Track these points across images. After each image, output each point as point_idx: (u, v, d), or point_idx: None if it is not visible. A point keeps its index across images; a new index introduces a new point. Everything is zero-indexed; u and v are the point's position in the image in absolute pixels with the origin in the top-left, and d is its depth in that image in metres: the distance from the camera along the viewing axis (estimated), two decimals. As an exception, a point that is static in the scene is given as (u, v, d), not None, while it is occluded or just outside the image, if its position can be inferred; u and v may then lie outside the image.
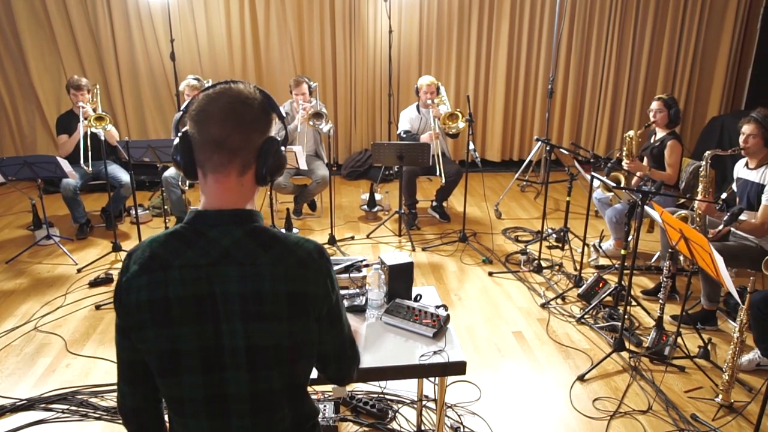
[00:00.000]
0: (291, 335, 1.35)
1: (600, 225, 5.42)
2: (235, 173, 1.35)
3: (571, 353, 3.65)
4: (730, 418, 3.08)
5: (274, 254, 1.34)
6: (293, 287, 1.34)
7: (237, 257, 1.32)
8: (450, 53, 7.27)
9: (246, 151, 1.34)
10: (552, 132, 7.66)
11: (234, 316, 1.31)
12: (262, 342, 1.33)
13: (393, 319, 2.37)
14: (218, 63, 6.95)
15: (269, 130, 1.38)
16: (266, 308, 1.32)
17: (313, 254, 1.38)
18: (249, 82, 1.38)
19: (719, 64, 7.54)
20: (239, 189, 1.37)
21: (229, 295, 1.31)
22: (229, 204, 1.36)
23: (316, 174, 5.48)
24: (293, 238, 1.39)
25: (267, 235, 1.36)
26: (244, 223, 1.36)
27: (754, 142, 3.65)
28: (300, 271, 1.35)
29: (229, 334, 1.32)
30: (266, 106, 1.37)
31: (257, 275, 1.32)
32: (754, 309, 3.26)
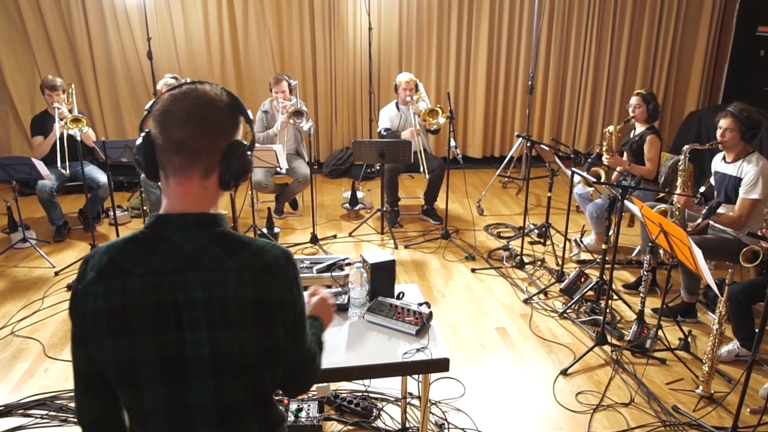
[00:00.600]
0: (257, 342, 1.31)
1: (581, 220, 5.46)
2: (197, 177, 1.30)
3: (554, 348, 3.67)
4: (711, 408, 3.11)
5: (240, 259, 1.29)
6: (259, 293, 1.30)
7: (201, 262, 1.28)
8: (430, 50, 7.27)
9: (209, 155, 1.30)
10: (533, 128, 7.69)
11: (199, 323, 1.27)
12: (228, 350, 1.29)
13: (376, 317, 2.36)
14: (196, 61, 6.89)
15: (235, 134, 1.34)
16: (232, 315, 1.28)
17: (279, 259, 1.34)
18: (217, 83, 1.34)
19: (696, 60, 7.63)
20: (202, 193, 1.32)
21: (194, 301, 1.26)
22: (191, 208, 1.31)
23: (297, 173, 5.45)
24: (259, 242, 1.35)
25: (232, 239, 1.32)
26: (208, 228, 1.31)
27: (730, 136, 3.68)
28: (266, 276, 1.31)
29: (193, 342, 1.27)
30: (233, 108, 1.33)
31: (223, 281, 1.27)
32: (733, 301, 3.30)
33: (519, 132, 7.19)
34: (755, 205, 3.60)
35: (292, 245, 5.03)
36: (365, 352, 2.18)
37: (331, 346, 2.21)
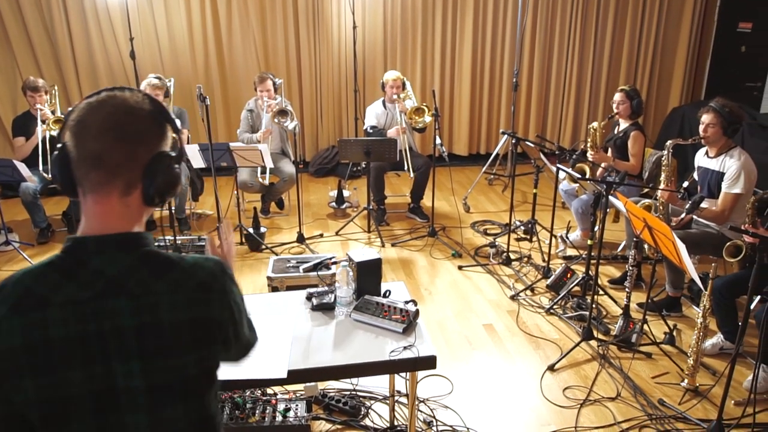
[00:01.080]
0: (198, 365, 1.23)
1: (567, 216, 5.48)
2: (116, 193, 1.19)
3: (541, 344, 3.68)
4: (696, 401, 3.14)
5: (171, 280, 1.20)
6: (196, 314, 1.21)
7: (127, 288, 1.17)
8: (415, 48, 7.27)
9: (128, 169, 1.19)
10: (518, 125, 7.71)
11: (129, 353, 1.16)
12: (165, 379, 1.20)
13: (362, 315, 2.35)
14: (180, 61, 6.84)
15: (160, 144, 1.23)
16: (167, 342, 1.18)
17: (214, 274, 1.25)
18: (139, 89, 1.24)
19: (679, 56, 7.69)
20: (123, 211, 1.21)
21: (122, 330, 1.16)
22: (111, 228, 1.19)
23: (282, 172, 5.43)
24: (189, 259, 1.25)
25: (160, 259, 1.21)
26: (132, 249, 1.20)
27: (713, 131, 3.71)
28: (202, 295, 1.22)
29: (124, 373, 1.17)
30: (156, 116, 1.23)
31: (153, 306, 1.17)
32: (717, 294, 3.34)
33: (504, 129, 7.22)
34: (738, 200, 3.63)
35: (278, 245, 5.02)
36: (352, 350, 2.18)
37: (317, 345, 2.21)
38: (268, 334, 2.25)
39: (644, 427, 2.97)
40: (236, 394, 2.90)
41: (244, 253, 4.94)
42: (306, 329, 2.32)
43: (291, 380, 2.07)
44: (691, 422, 2.97)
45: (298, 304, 2.52)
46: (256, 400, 2.92)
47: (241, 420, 2.77)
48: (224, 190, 6.26)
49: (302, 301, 2.53)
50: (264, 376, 2.03)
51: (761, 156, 4.63)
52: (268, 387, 2.95)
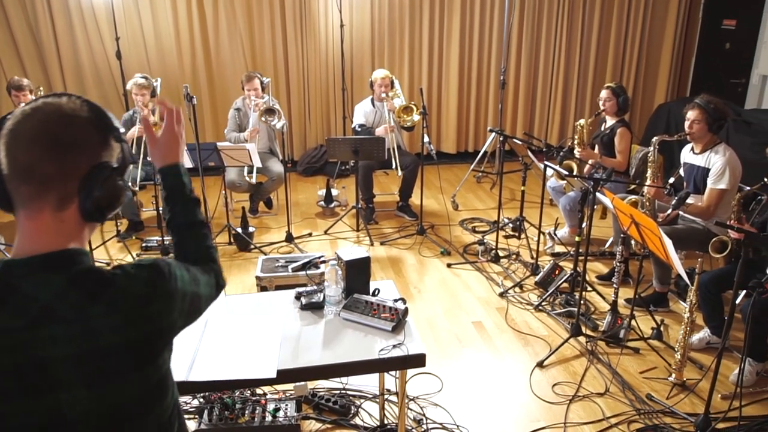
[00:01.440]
0: (146, 382, 1.17)
1: (555, 213, 5.50)
2: (49, 208, 1.10)
3: (530, 340, 3.70)
4: (683, 395, 3.17)
5: (107, 302, 1.10)
6: (138, 333, 1.13)
7: (59, 314, 1.07)
8: (402, 46, 7.27)
9: (61, 182, 1.10)
10: (506, 122, 7.74)
11: (72, 382, 1.09)
12: (116, 400, 1.13)
13: (351, 314, 2.35)
14: (167, 61, 6.80)
15: (101, 154, 1.14)
16: (109, 366, 1.10)
17: (153, 281, 1.16)
18: (80, 95, 1.15)
19: (664, 53, 7.74)
20: (58, 227, 1.12)
21: (61, 360, 1.07)
22: (43, 247, 1.10)
23: (271, 171, 5.41)
24: (123, 272, 1.15)
25: (94, 279, 1.11)
26: (63, 269, 1.10)
27: (698, 128, 3.74)
28: (142, 310, 1.13)
29: (69, 403, 1.09)
30: (96, 124, 1.14)
31: (90, 332, 1.08)
32: (703, 289, 3.36)
33: (492, 127, 7.23)
34: (723, 195, 3.66)
35: (267, 244, 5.00)
36: (341, 349, 2.17)
37: (307, 345, 2.20)
38: (257, 334, 2.25)
39: (632, 421, 2.99)
40: (225, 395, 2.89)
41: (232, 253, 4.92)
42: (295, 329, 2.31)
43: (280, 380, 2.07)
44: (678, 416, 3.00)
45: (287, 304, 2.51)
46: (246, 400, 2.91)
47: (230, 421, 2.76)
48: (212, 190, 6.23)
49: (291, 301, 2.52)
50: (253, 377, 2.03)
51: (746, 152, 4.67)
52: (258, 387, 2.94)
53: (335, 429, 2.92)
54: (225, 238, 5.09)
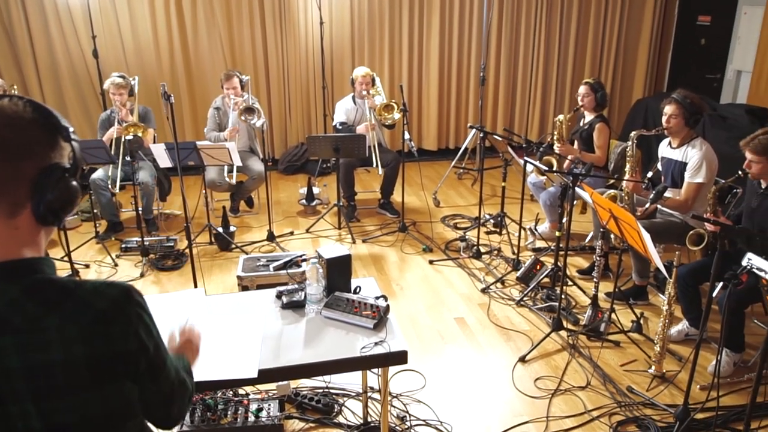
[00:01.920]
0: (102, 404, 1.12)
1: (535, 208, 5.54)
2: (1, 215, 1.07)
3: (512, 335, 3.72)
4: (663, 387, 3.21)
5: (63, 313, 1.06)
6: (94, 350, 1.08)
7: (12, 324, 1.04)
8: (382, 43, 7.26)
9: (11, 187, 1.06)
10: (486, 119, 7.76)
11: (21, 395, 1.06)
12: (65, 419, 1.09)
13: (333, 312, 2.35)
14: (145, 59, 6.72)
15: (50, 155, 1.10)
16: (61, 382, 1.07)
17: (118, 302, 1.12)
18: (24, 96, 1.12)
19: (641, 49, 7.82)
20: (11, 234, 1.09)
21: (10, 371, 1.04)
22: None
23: (251, 170, 5.38)
24: (90, 285, 1.11)
25: (53, 288, 1.09)
26: (18, 278, 1.07)
27: (675, 122, 3.79)
28: (101, 328, 1.09)
29: (21, 415, 1.06)
30: (42, 125, 1.10)
31: (42, 343, 1.05)
32: (681, 282, 3.40)
33: (472, 123, 7.25)
34: (700, 189, 3.71)
35: (248, 243, 4.97)
36: (323, 348, 2.17)
37: (288, 344, 2.20)
38: (238, 333, 2.24)
39: (614, 414, 3.02)
40: (207, 396, 2.87)
41: (213, 253, 4.89)
42: (276, 328, 2.30)
43: (262, 380, 2.06)
44: (658, 408, 3.04)
45: (268, 303, 2.50)
46: (228, 401, 2.89)
47: (212, 422, 2.75)
48: (192, 190, 6.18)
49: (272, 300, 2.51)
50: (235, 377, 2.02)
51: (722, 146, 4.72)
52: (240, 387, 2.93)
53: (319, 428, 2.91)
54: (206, 237, 5.05)
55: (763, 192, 3.21)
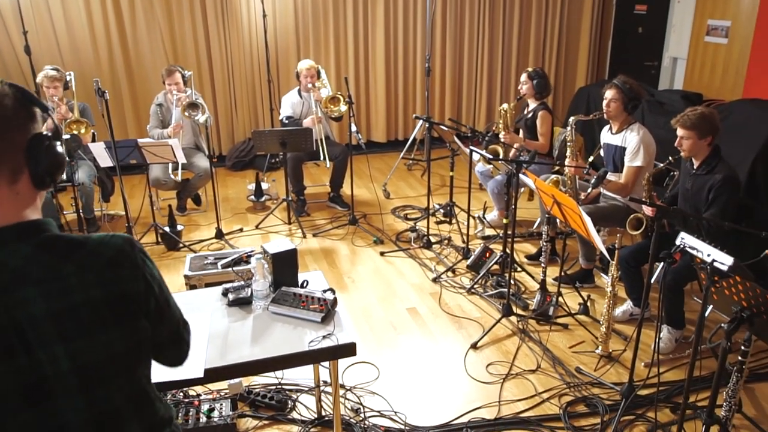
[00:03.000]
0: (123, 341, 1.25)
1: (484, 197, 5.61)
2: (4, 182, 1.19)
3: (464, 323, 3.76)
4: (609, 366, 3.31)
5: (78, 261, 1.21)
6: (110, 291, 1.23)
7: (33, 276, 1.17)
8: (327, 35, 7.21)
9: (10, 155, 1.19)
10: (434, 109, 7.80)
11: (50, 339, 1.17)
12: (92, 358, 1.22)
13: (280, 307, 2.33)
14: (81, 55, 6.49)
15: (33, 126, 1.23)
16: (85, 321, 1.20)
17: (123, 249, 1.27)
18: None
19: (583, 38, 7.99)
20: (14, 199, 1.21)
21: (37, 318, 1.16)
22: (5, 219, 1.19)
23: (197, 167, 5.27)
24: (96, 238, 1.26)
25: (63, 242, 1.22)
26: (31, 236, 1.20)
27: (615, 106, 3.88)
28: (113, 271, 1.24)
29: (49, 360, 1.18)
30: (21, 100, 1.21)
31: (63, 289, 1.18)
32: (623, 264, 3.50)
33: (418, 114, 7.27)
34: (640, 172, 3.82)
35: (196, 242, 4.88)
36: (270, 343, 2.15)
37: (235, 341, 2.16)
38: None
39: (563, 395, 3.09)
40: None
41: (160, 253, 4.78)
42: (223, 326, 2.27)
43: (209, 379, 2.03)
44: (606, 386, 3.12)
45: (215, 301, 2.46)
46: (178, 402, 2.84)
47: (162, 424, 2.69)
48: (138, 189, 6.03)
49: (218, 298, 2.47)
50: (180, 377, 1.98)
51: (660, 131, 4.86)
52: (188, 388, 2.87)
53: (273, 425, 2.89)
54: (152, 237, 4.94)
55: (695, 173, 3.33)
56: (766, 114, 4.35)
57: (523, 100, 4.97)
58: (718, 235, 3.12)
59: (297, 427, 2.87)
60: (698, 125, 3.19)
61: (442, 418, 2.92)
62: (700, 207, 3.29)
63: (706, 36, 6.33)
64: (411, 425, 2.87)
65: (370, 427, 2.84)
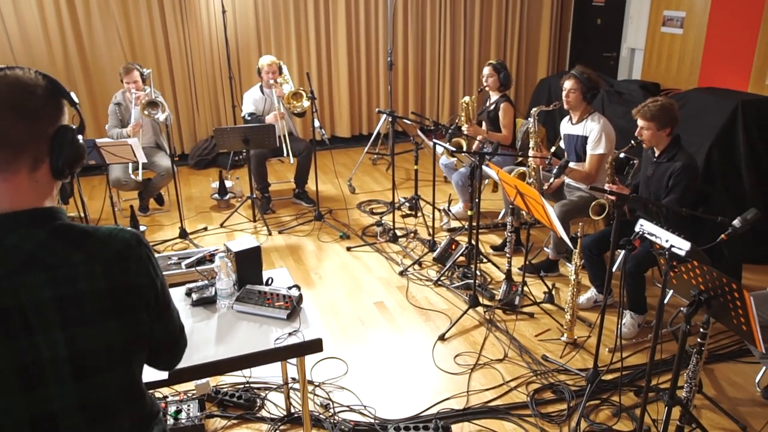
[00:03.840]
0: (121, 333, 1.29)
1: (449, 189, 5.63)
2: (25, 170, 1.22)
3: (431, 315, 3.78)
4: (575, 352, 3.36)
5: (88, 251, 1.24)
6: (115, 283, 1.26)
7: (44, 261, 1.20)
8: (289, 31, 7.14)
9: (35, 144, 1.22)
10: (397, 103, 7.80)
11: (51, 324, 1.20)
12: (90, 346, 1.25)
13: (245, 306, 2.30)
14: (35, 54, 6.30)
15: (60, 119, 1.27)
16: (88, 310, 1.23)
17: (131, 243, 1.31)
18: (29, 68, 1.24)
19: (543, 30, 8.08)
20: (33, 186, 1.24)
21: (42, 303, 1.19)
22: (23, 204, 1.23)
23: (158, 166, 5.18)
24: (105, 230, 1.30)
25: (75, 231, 1.26)
26: (46, 223, 1.24)
27: (573, 96, 3.94)
28: (120, 264, 1.28)
29: (47, 344, 1.21)
30: (53, 92, 1.25)
31: (71, 277, 1.21)
32: (586, 252, 3.56)
33: (381, 108, 7.27)
34: (602, 160, 3.88)
35: (160, 242, 4.80)
36: (235, 342, 2.12)
37: (199, 341, 2.14)
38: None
39: (530, 383, 3.13)
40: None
41: (122, 255, 4.68)
42: (187, 326, 2.19)
43: (173, 381, 2.00)
44: (571, 373, 3.17)
45: (178, 301, 2.41)
46: (144, 405, 2.79)
47: (127, 428, 2.64)
48: (98, 190, 5.90)
49: (182, 298, 2.43)
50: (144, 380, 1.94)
51: (619, 120, 4.96)
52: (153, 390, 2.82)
53: (242, 424, 2.87)
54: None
55: (657, 160, 3.39)
56: (721, 102, 4.46)
57: (485, 92, 5.00)
58: (677, 221, 3.19)
59: (266, 425, 2.85)
60: (658, 117, 3.25)
61: (411, 411, 2.93)
62: (660, 194, 3.36)
63: (662, 27, 6.46)
64: (380, 419, 2.88)
65: (340, 422, 2.83)
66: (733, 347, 3.40)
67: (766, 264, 4.34)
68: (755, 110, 4.30)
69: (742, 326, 2.07)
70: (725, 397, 3.02)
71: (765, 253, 4.37)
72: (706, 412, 2.90)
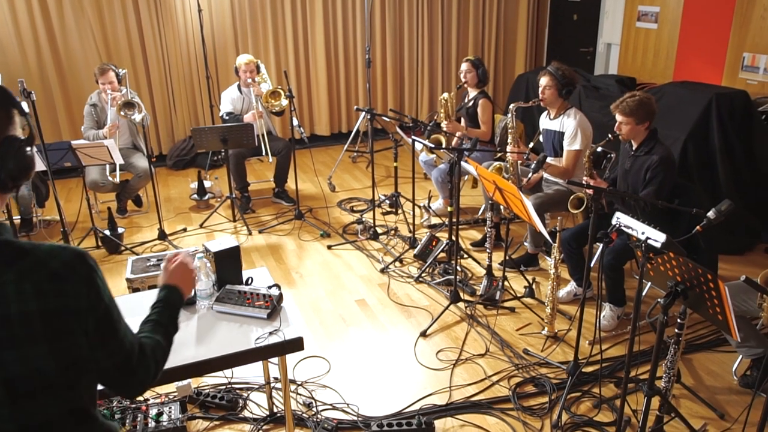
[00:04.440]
0: (56, 358, 1.21)
1: (429, 186, 5.65)
2: None
3: (413, 312, 3.79)
4: (555, 346, 3.39)
5: (20, 270, 1.18)
6: (46, 305, 1.19)
7: None
8: (266, 29, 7.10)
9: None
10: (376, 101, 7.80)
11: None
12: (21, 371, 1.18)
13: (224, 306, 2.29)
14: (8, 56, 6.19)
15: (7, 129, 1.22)
16: (17, 333, 1.16)
17: (71, 263, 1.23)
18: None
19: (520, 26, 8.12)
20: None
21: None
22: None
23: (136, 167, 5.13)
24: (46, 247, 1.23)
25: (12, 248, 1.20)
26: None
27: (549, 93, 3.97)
28: (54, 285, 1.20)
29: None
30: (1, 101, 1.21)
31: (2, 297, 1.16)
32: (565, 245, 3.59)
33: (360, 106, 7.26)
34: (578, 156, 3.92)
35: (139, 244, 4.75)
36: (215, 343, 2.11)
37: (179, 342, 2.10)
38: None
39: (512, 377, 3.15)
40: (102, 406, 2.73)
41: (101, 257, 4.63)
42: (166, 328, 2.21)
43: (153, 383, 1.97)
44: (552, 366, 3.20)
45: (157, 303, 2.40)
46: (125, 408, 2.77)
47: (108, 432, 2.62)
48: (75, 192, 5.83)
49: (161, 300, 2.41)
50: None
51: (596, 115, 5.01)
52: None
53: (224, 425, 2.85)
54: (92, 242, 4.78)
55: (634, 154, 3.43)
56: (695, 95, 4.52)
57: (463, 89, 5.02)
58: (654, 214, 3.23)
59: (249, 425, 2.83)
60: (636, 111, 3.28)
61: (394, 407, 2.93)
62: (638, 187, 3.39)
63: (637, 21, 6.53)
64: (363, 416, 2.88)
65: (323, 420, 2.83)
66: (710, 337, 3.45)
67: (740, 254, 4.42)
68: (729, 103, 4.37)
69: (717, 316, 2.10)
70: (703, 386, 3.06)
71: (740, 244, 4.44)
72: (684, 401, 2.94)
